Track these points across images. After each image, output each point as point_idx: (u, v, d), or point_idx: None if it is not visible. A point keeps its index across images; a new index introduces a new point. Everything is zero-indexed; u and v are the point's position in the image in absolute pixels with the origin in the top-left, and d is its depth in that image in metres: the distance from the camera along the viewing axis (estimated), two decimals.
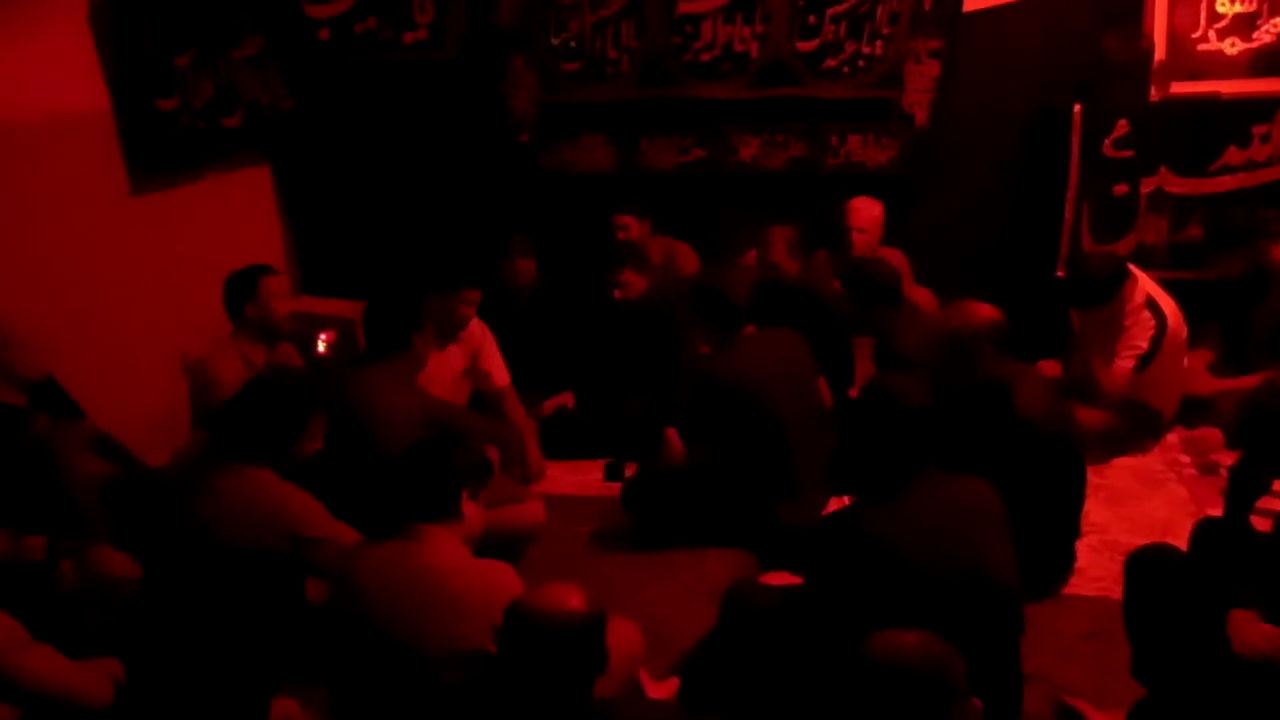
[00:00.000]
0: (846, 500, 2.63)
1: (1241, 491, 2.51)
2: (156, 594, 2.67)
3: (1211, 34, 4.22)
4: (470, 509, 2.46)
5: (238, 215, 4.91)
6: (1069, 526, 3.08)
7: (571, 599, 2.02)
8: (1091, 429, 3.88)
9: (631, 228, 4.67)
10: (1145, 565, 2.58)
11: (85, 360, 3.70)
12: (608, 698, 2.15)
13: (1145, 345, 3.87)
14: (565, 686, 2.01)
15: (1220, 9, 4.19)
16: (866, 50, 4.53)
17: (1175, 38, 4.26)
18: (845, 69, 4.58)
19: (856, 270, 3.91)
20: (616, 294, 4.41)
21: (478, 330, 4.24)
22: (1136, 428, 4.04)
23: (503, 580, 2.36)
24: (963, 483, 2.43)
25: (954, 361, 3.07)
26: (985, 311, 3.14)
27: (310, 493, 2.78)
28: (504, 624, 2.04)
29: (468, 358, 4.21)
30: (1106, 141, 4.38)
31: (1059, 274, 4.50)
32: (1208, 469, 3.84)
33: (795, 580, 2.69)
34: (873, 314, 3.75)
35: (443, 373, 4.06)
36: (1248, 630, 2.24)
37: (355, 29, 4.92)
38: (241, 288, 3.67)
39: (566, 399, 4.55)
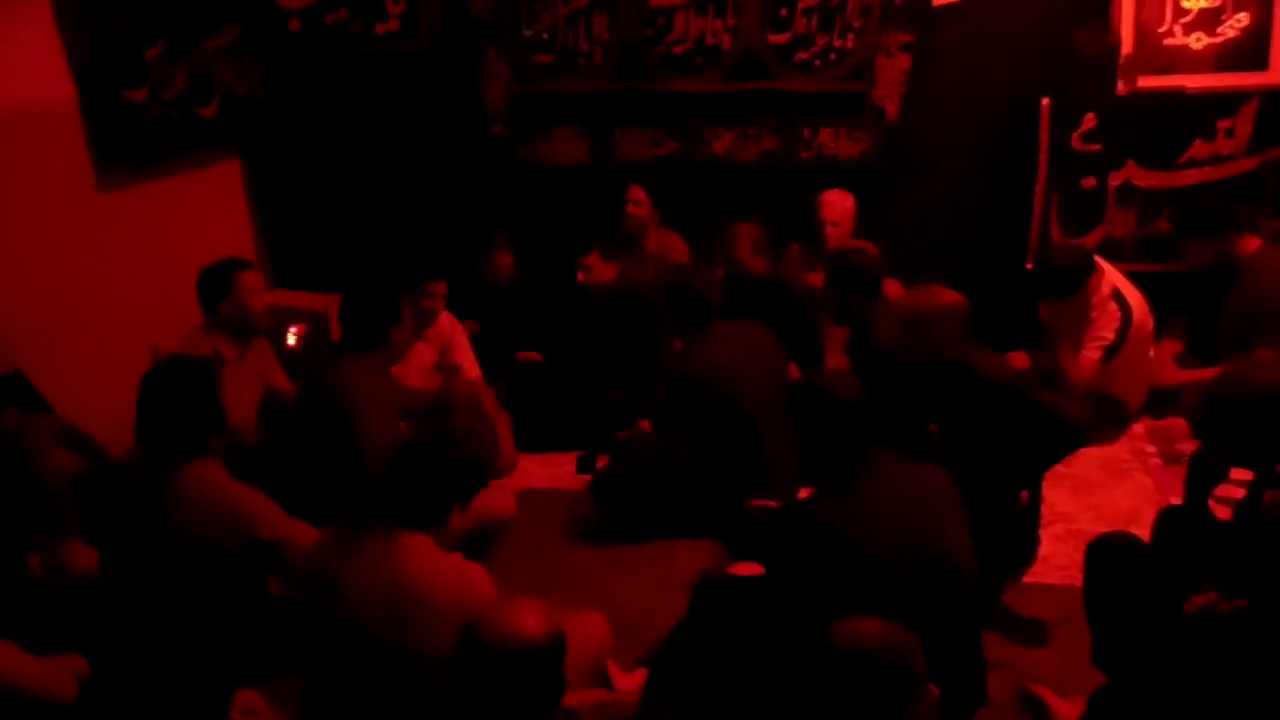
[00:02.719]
0: None
1: (1200, 479, 2.55)
2: (119, 588, 2.64)
3: (1177, 29, 4.25)
4: (456, 519, 2.43)
5: (207, 207, 4.88)
6: (1032, 499, 3.11)
7: (529, 620, 1.89)
8: None
9: (644, 204, 4.67)
10: (1105, 552, 2.62)
11: (54, 355, 3.67)
12: None
13: (1111, 336, 3.92)
14: (519, 715, 1.91)
15: (1186, 4, 4.22)
16: (838, 43, 4.55)
17: (1142, 33, 4.28)
18: (816, 62, 4.59)
19: (837, 259, 3.92)
20: (580, 276, 4.40)
21: (448, 324, 4.24)
22: (1102, 418, 4.07)
23: (477, 583, 2.35)
24: (918, 469, 2.46)
25: (919, 340, 3.12)
26: (949, 295, 3.19)
27: (265, 486, 2.75)
28: (457, 644, 1.93)
29: (438, 352, 4.20)
30: (1075, 135, 4.41)
31: (1028, 266, 4.54)
32: (1173, 459, 3.87)
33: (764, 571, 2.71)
34: (851, 303, 3.76)
35: (414, 367, 4.05)
36: None
37: (326, 20, 4.91)
38: (216, 283, 3.58)
39: (534, 355, 4.51)
